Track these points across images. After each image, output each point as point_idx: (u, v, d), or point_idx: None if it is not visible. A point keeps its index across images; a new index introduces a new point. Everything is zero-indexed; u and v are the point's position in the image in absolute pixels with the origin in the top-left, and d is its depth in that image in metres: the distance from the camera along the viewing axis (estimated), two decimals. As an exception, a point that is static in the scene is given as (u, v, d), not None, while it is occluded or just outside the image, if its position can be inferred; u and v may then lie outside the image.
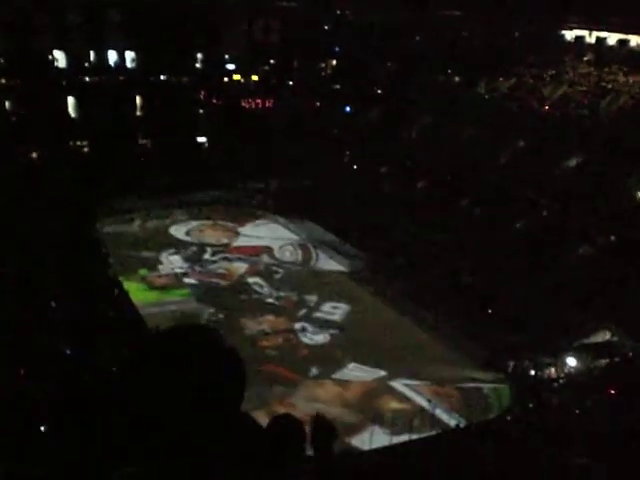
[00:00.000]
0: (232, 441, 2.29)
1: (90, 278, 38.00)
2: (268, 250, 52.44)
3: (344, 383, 35.29)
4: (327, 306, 43.84)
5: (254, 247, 52.93)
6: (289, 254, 52.29)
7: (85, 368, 25.17)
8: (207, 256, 51.03)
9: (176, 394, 2.17)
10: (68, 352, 27.90)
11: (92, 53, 64.37)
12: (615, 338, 36.76)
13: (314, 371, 36.30)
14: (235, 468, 2.33)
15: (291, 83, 71.81)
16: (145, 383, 2.22)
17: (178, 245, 52.36)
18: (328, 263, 50.91)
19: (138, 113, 66.40)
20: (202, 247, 52.44)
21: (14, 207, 43.76)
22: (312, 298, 44.83)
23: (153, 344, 2.38)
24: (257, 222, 58.33)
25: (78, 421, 15.45)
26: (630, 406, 27.05)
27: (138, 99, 66.18)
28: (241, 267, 49.26)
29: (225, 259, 50.59)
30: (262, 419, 4.94)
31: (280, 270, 49.23)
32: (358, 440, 30.18)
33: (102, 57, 64.77)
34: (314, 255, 52.30)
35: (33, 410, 18.35)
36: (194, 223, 57.37)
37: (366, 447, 28.82)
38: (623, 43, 61.29)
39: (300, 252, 52.65)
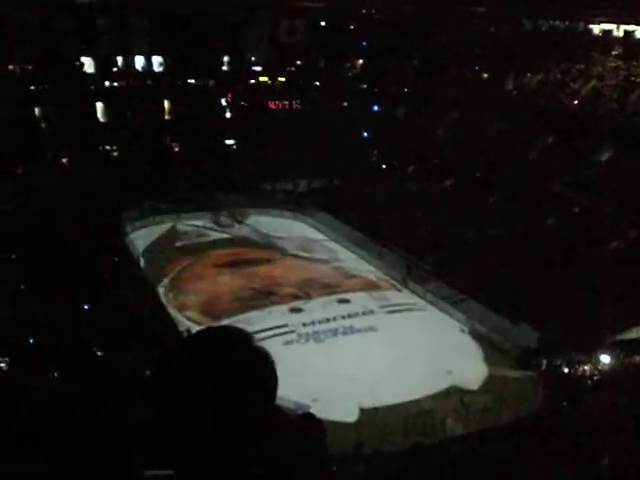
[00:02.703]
0: (264, 440, 2.27)
1: (120, 280, 38.36)
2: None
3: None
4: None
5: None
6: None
7: (117, 370, 25.40)
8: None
9: (208, 394, 2.17)
10: (100, 354, 28.19)
11: (120, 58, 65.07)
12: (650, 334, 36.26)
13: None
14: (267, 467, 2.31)
15: (318, 84, 71.76)
16: (177, 384, 2.22)
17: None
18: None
19: (166, 117, 66.88)
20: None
21: (43, 211, 44.27)
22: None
23: (184, 345, 2.37)
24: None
25: (108, 422, 15.57)
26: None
27: (166, 103, 66.65)
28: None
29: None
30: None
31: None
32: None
33: (129, 62, 65.43)
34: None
35: (62, 411, 18.53)
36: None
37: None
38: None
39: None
